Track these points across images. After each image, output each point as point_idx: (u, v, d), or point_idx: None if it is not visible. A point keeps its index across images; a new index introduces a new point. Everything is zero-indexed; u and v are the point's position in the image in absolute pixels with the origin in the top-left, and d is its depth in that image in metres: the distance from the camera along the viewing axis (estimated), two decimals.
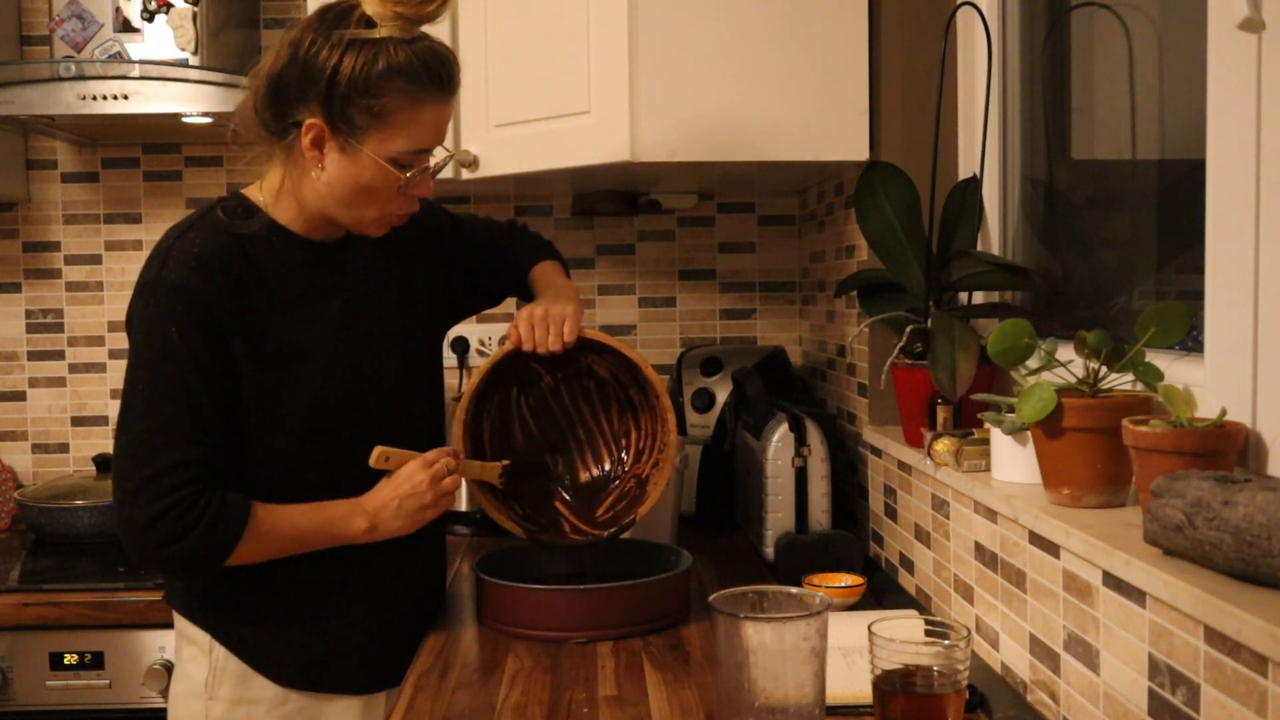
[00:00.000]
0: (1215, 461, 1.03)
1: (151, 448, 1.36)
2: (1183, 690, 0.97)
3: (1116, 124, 1.53)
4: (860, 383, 1.98)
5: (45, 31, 2.47)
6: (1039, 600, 1.26)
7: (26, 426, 2.61)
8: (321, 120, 1.37)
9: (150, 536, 1.35)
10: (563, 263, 1.79)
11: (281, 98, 1.39)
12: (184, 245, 1.40)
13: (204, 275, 1.38)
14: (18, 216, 2.59)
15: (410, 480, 1.47)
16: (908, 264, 1.73)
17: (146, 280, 1.40)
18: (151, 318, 1.38)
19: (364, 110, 1.37)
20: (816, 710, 1.13)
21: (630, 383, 1.68)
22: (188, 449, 1.37)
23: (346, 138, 1.38)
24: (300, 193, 1.44)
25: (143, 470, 1.35)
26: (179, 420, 1.37)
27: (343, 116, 1.37)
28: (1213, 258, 1.14)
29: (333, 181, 1.41)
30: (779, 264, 2.63)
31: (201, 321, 1.38)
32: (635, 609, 1.57)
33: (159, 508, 1.35)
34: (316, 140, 1.39)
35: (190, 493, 1.36)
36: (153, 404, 1.37)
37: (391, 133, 1.38)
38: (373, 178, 1.40)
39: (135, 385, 1.38)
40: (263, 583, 1.47)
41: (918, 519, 1.69)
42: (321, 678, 1.50)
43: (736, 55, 1.85)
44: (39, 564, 2.16)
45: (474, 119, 2.08)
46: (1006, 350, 1.30)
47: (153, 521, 1.35)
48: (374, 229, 1.48)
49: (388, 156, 1.39)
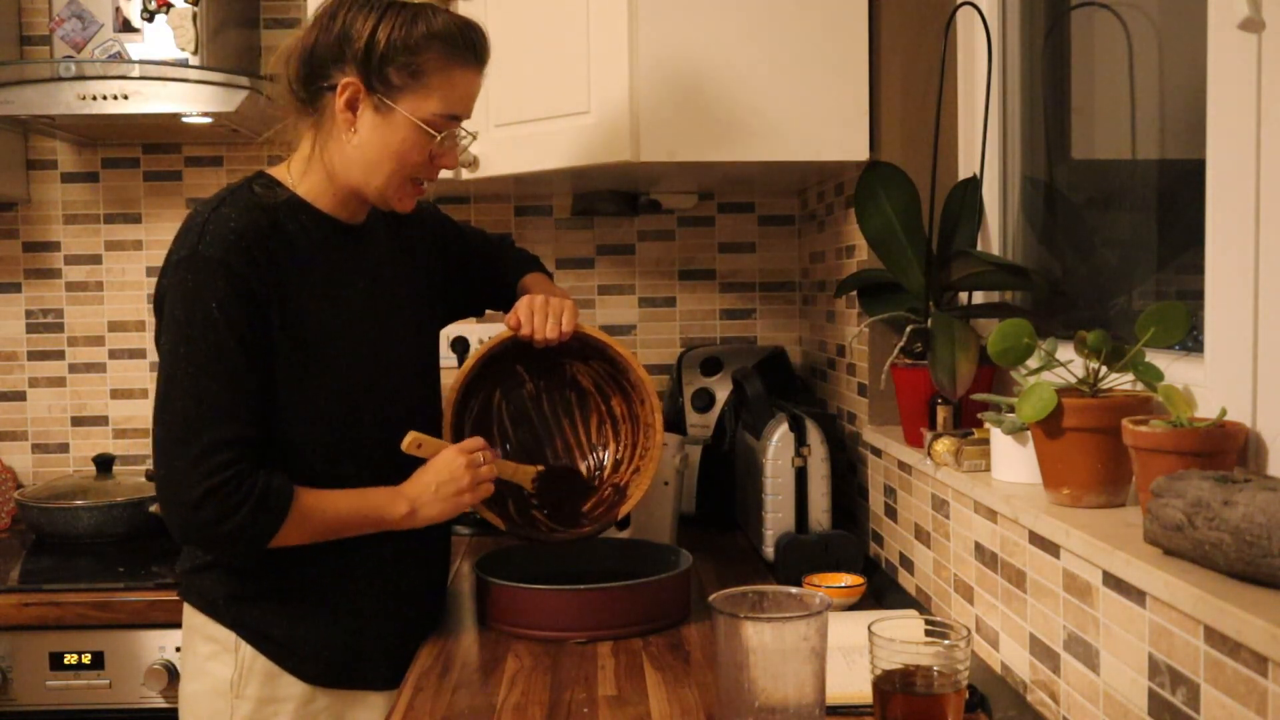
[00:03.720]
0: (1215, 461, 1.03)
1: (197, 425, 1.35)
2: (1183, 690, 0.97)
3: (1116, 124, 1.53)
4: (860, 383, 1.98)
5: (45, 31, 2.47)
6: (1039, 600, 1.26)
7: (26, 426, 2.61)
8: (358, 79, 1.41)
9: (199, 515, 1.34)
10: (550, 276, 1.82)
11: (316, 64, 1.43)
12: (220, 220, 1.39)
13: (242, 249, 1.38)
14: (18, 216, 2.59)
15: (448, 466, 1.49)
16: (908, 264, 1.73)
17: (183, 255, 1.38)
18: (191, 293, 1.36)
19: (401, 68, 1.41)
20: (816, 710, 1.13)
21: (614, 392, 1.69)
22: (233, 426, 1.36)
23: (382, 97, 1.42)
24: (330, 159, 1.46)
25: (189, 449, 1.35)
26: (223, 397, 1.36)
27: (379, 75, 1.41)
28: (1213, 258, 1.14)
29: (365, 143, 1.44)
30: (779, 264, 2.63)
31: (242, 296, 1.37)
32: (635, 609, 1.57)
33: (207, 487, 1.34)
34: (351, 100, 1.42)
35: (237, 472, 1.35)
36: (196, 381, 1.35)
37: (426, 94, 1.43)
38: (404, 139, 1.44)
39: (176, 362, 1.36)
40: (291, 579, 1.47)
41: (918, 519, 1.69)
42: (349, 674, 1.51)
43: (736, 55, 1.85)
44: (39, 564, 2.16)
45: (474, 119, 2.07)
46: (1006, 350, 1.30)
47: (201, 500, 1.34)
48: (398, 199, 1.49)
49: (422, 117, 1.43)
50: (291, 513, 1.39)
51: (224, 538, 1.37)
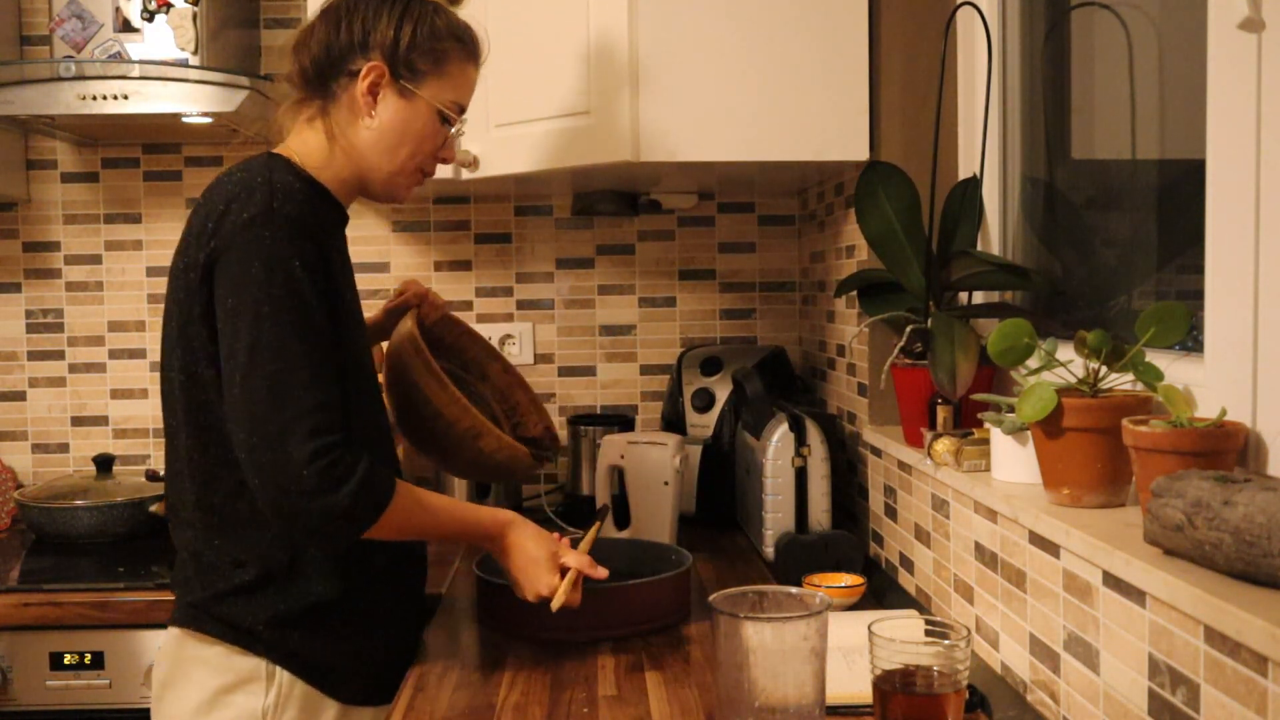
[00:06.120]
0: (1215, 461, 1.03)
1: (291, 387, 1.28)
2: (1183, 690, 0.97)
3: (1116, 124, 1.53)
4: (860, 383, 1.98)
5: (45, 31, 2.47)
6: (1039, 600, 1.26)
7: (26, 426, 2.61)
8: (383, 64, 1.45)
9: (305, 483, 1.26)
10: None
11: (338, 51, 1.45)
12: (282, 181, 1.35)
13: (312, 209, 1.36)
14: (18, 216, 2.59)
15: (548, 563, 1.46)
16: (908, 264, 1.73)
17: (256, 213, 1.31)
18: (271, 251, 1.30)
19: (427, 55, 1.47)
20: (816, 710, 1.13)
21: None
22: (327, 390, 1.30)
23: (406, 82, 1.46)
24: (348, 141, 1.47)
25: (285, 412, 1.27)
26: (313, 359, 1.30)
27: (405, 62, 1.46)
28: (1213, 258, 1.14)
29: (384, 127, 1.46)
30: (779, 264, 2.63)
31: (320, 256, 1.34)
32: (635, 609, 1.57)
33: (310, 449, 1.26)
34: (374, 85, 1.45)
35: (337, 440, 1.29)
36: (283, 343, 1.29)
37: (446, 83, 1.49)
38: (424, 125, 1.48)
39: (259, 323, 1.29)
40: (328, 597, 1.42)
41: (918, 519, 1.69)
42: (381, 689, 1.48)
43: (736, 55, 1.85)
44: (39, 564, 2.16)
45: (474, 119, 2.07)
46: (1006, 350, 1.30)
47: (307, 463, 1.26)
48: (405, 186, 1.52)
49: (441, 103, 1.49)
50: (393, 504, 1.34)
51: (327, 512, 1.28)
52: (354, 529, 1.32)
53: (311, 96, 1.48)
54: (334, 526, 1.30)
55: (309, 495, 1.27)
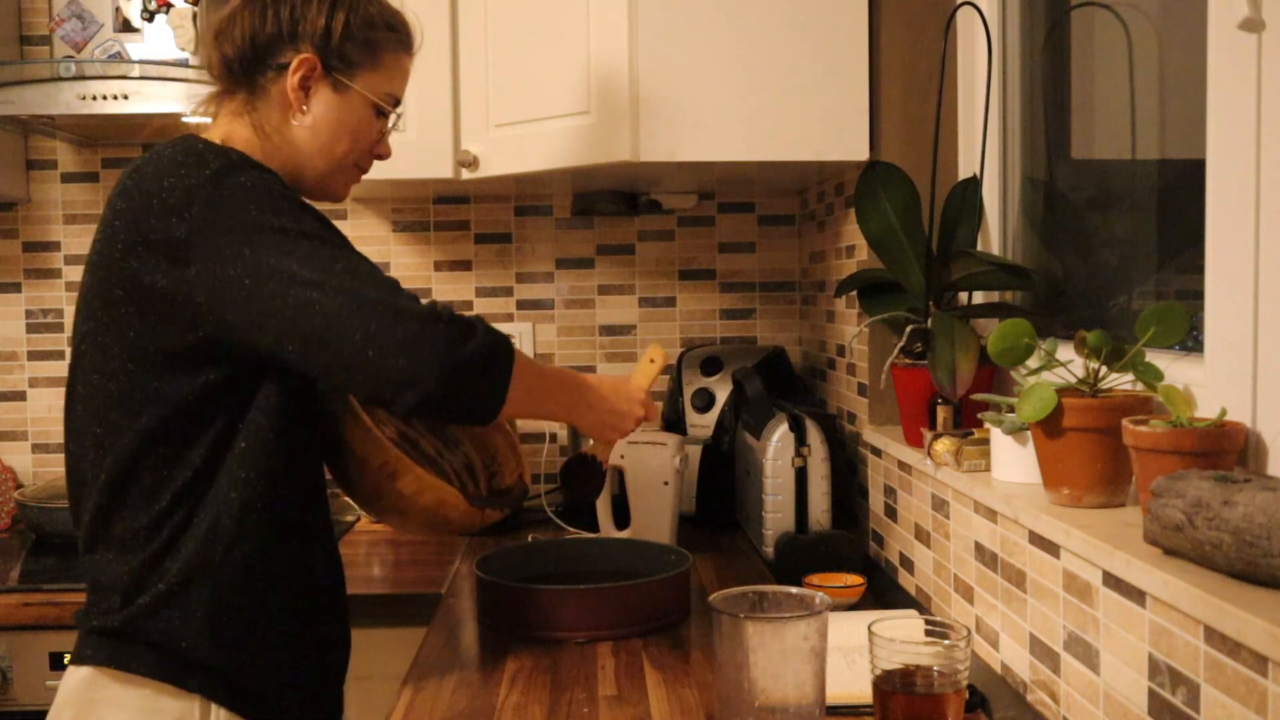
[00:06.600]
0: (1215, 461, 1.03)
1: (370, 269, 1.22)
2: (1183, 690, 0.97)
3: (1116, 124, 1.53)
4: (860, 383, 1.98)
5: (45, 31, 2.47)
6: (1039, 600, 1.26)
7: (26, 426, 2.61)
8: (315, 57, 1.36)
9: (449, 332, 1.20)
10: None
11: (264, 41, 1.36)
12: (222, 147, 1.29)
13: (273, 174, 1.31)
14: (18, 216, 2.59)
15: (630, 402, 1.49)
16: (908, 264, 1.73)
17: (218, 168, 1.23)
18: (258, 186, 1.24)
19: (360, 45, 1.38)
20: (816, 710, 1.13)
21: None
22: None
23: (339, 75, 1.38)
24: (281, 138, 1.37)
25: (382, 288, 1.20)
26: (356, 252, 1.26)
27: (338, 54, 1.37)
28: (1213, 258, 1.14)
29: (318, 123, 1.37)
30: (779, 264, 2.63)
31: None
32: (635, 609, 1.57)
33: (427, 306, 1.21)
34: (305, 79, 1.36)
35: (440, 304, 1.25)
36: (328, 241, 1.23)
37: (380, 74, 1.41)
38: (359, 120, 1.40)
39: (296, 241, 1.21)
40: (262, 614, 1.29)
41: (918, 519, 1.69)
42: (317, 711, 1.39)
43: (736, 55, 1.85)
44: (39, 564, 2.16)
45: (474, 119, 2.08)
46: (1006, 350, 1.30)
47: (434, 316, 1.20)
48: (342, 184, 1.44)
49: (376, 95, 1.40)
50: (517, 355, 1.28)
51: (471, 362, 1.21)
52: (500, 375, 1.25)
53: (234, 90, 1.38)
54: (498, 367, 1.25)
55: (457, 342, 1.21)
